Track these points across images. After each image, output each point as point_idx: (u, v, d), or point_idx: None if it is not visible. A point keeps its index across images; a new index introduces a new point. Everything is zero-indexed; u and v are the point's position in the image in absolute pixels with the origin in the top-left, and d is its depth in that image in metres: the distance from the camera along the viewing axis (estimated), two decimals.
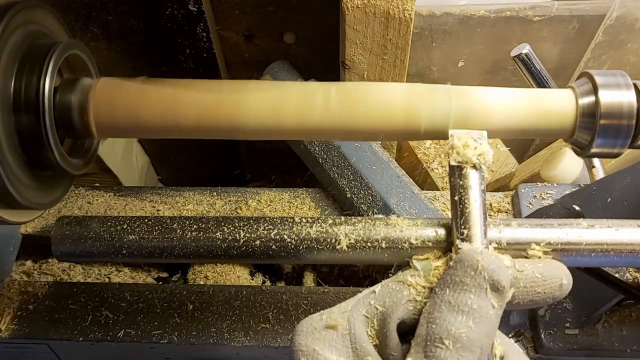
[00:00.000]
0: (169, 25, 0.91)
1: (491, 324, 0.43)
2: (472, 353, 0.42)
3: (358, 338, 0.44)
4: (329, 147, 0.86)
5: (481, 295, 0.43)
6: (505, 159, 1.02)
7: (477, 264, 0.44)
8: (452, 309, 0.43)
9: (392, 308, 0.45)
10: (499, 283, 0.43)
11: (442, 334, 0.42)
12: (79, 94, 0.53)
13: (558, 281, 0.48)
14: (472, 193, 0.48)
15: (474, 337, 0.42)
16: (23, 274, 0.87)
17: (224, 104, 0.53)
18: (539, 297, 0.48)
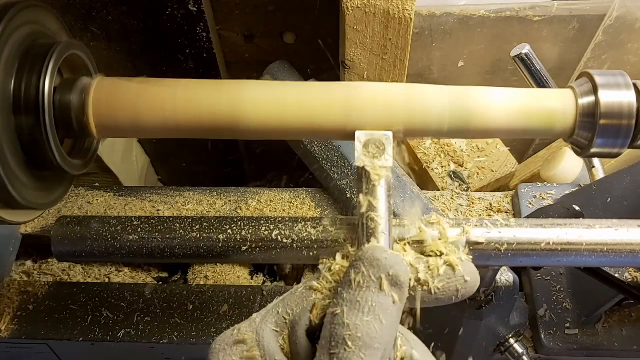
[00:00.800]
0: (169, 25, 0.91)
1: (392, 320, 0.43)
2: (375, 350, 0.42)
3: (267, 349, 0.45)
4: (329, 147, 0.86)
5: (380, 291, 0.43)
6: (505, 159, 1.02)
7: (374, 260, 0.44)
8: (353, 308, 0.43)
9: (299, 315, 0.46)
10: (397, 278, 0.43)
11: (344, 334, 0.42)
12: (78, 94, 0.53)
13: (462, 279, 0.48)
14: (379, 191, 0.49)
15: (376, 335, 0.42)
16: (23, 274, 0.87)
17: (223, 103, 0.53)
18: (444, 295, 0.48)
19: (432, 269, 0.48)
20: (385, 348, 0.42)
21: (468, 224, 0.52)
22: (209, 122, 0.53)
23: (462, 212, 0.87)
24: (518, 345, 0.70)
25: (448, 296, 0.48)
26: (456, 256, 0.49)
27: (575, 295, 0.75)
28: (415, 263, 0.48)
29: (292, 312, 0.46)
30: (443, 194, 0.89)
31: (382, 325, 0.42)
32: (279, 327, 0.46)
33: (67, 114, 0.53)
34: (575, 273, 0.76)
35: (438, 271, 0.47)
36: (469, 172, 1.01)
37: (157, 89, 0.53)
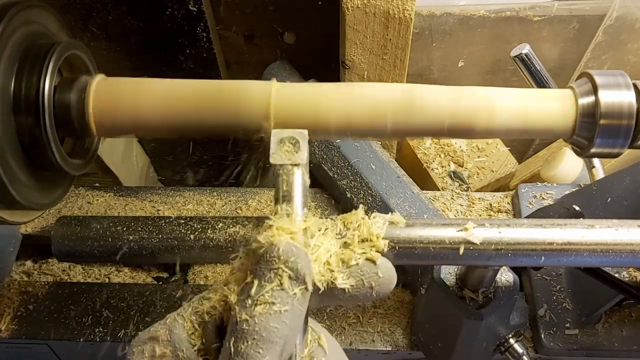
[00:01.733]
0: (169, 25, 0.91)
1: (293, 315, 0.43)
2: (273, 344, 0.42)
3: (177, 345, 0.46)
4: (329, 147, 0.86)
5: (281, 284, 0.43)
6: (505, 159, 1.02)
7: (276, 254, 0.44)
8: (254, 301, 0.43)
9: (209, 312, 0.47)
10: (298, 272, 0.44)
11: (243, 327, 0.42)
12: (78, 93, 0.53)
13: (376, 276, 0.48)
14: (295, 188, 0.49)
15: (274, 329, 0.42)
16: (23, 274, 0.87)
17: (224, 103, 0.53)
18: (358, 291, 0.48)
19: (344, 265, 0.48)
20: (286, 342, 0.43)
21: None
22: (208, 121, 0.53)
23: (462, 212, 0.87)
24: (518, 345, 0.70)
25: (362, 293, 0.48)
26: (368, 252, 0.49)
27: (575, 295, 0.75)
28: (330, 257, 0.48)
29: (204, 309, 0.47)
30: (443, 194, 0.89)
31: (281, 319, 0.43)
32: (192, 323, 0.47)
33: (67, 114, 0.53)
34: (575, 273, 0.76)
35: (349, 267, 0.48)
36: (469, 172, 1.01)
37: (156, 89, 0.53)
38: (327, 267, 0.48)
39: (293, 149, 0.50)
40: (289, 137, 0.50)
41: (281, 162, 0.49)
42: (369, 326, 0.77)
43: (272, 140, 0.50)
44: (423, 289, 0.71)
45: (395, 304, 0.79)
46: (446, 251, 0.52)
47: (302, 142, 0.50)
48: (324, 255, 0.48)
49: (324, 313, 0.78)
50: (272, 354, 0.42)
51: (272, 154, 0.50)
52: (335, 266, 0.48)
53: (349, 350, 0.76)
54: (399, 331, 0.77)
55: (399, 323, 0.78)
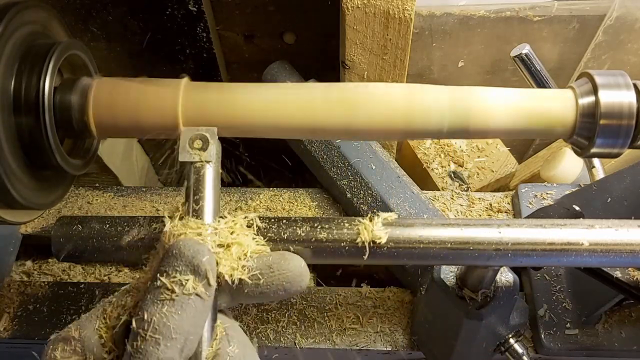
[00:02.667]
0: (169, 25, 0.91)
1: (195, 310, 0.44)
2: (172, 340, 0.43)
3: (87, 344, 0.47)
4: (329, 147, 0.86)
5: (181, 281, 0.44)
6: (505, 159, 1.02)
7: (177, 251, 0.45)
8: (155, 299, 0.44)
9: (120, 312, 0.48)
10: (198, 267, 0.44)
11: (144, 325, 0.43)
12: (78, 94, 0.53)
13: (288, 274, 0.48)
14: (206, 185, 0.49)
15: (174, 325, 0.43)
16: (23, 274, 0.87)
17: (223, 103, 0.53)
18: (269, 288, 0.48)
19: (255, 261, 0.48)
20: (187, 338, 0.43)
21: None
22: (207, 121, 0.53)
23: (462, 212, 0.87)
24: (518, 345, 0.70)
25: (273, 290, 0.48)
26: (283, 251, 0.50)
27: (575, 295, 0.75)
28: (241, 254, 0.48)
29: (116, 309, 0.48)
30: (443, 194, 0.89)
31: (182, 315, 0.43)
32: (103, 324, 0.48)
33: (67, 114, 0.53)
34: (575, 273, 0.76)
35: (260, 264, 0.48)
36: (469, 172, 1.01)
37: (156, 89, 0.54)
38: (238, 263, 0.48)
39: (202, 147, 0.51)
40: (198, 134, 0.51)
41: (190, 160, 0.50)
42: (369, 326, 0.77)
43: (181, 138, 0.51)
44: (423, 289, 0.71)
45: (395, 304, 0.79)
46: (446, 251, 0.52)
47: (212, 139, 0.51)
48: (235, 252, 0.48)
49: (324, 313, 0.78)
50: (172, 350, 0.43)
51: (180, 152, 0.50)
52: (246, 263, 0.48)
53: (349, 351, 0.76)
54: (399, 331, 0.77)
55: (399, 323, 0.78)
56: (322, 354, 0.77)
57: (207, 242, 0.47)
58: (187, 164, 0.50)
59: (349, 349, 0.76)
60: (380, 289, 0.81)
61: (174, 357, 0.43)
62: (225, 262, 0.48)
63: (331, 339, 0.76)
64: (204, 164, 0.50)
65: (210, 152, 0.50)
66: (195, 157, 0.50)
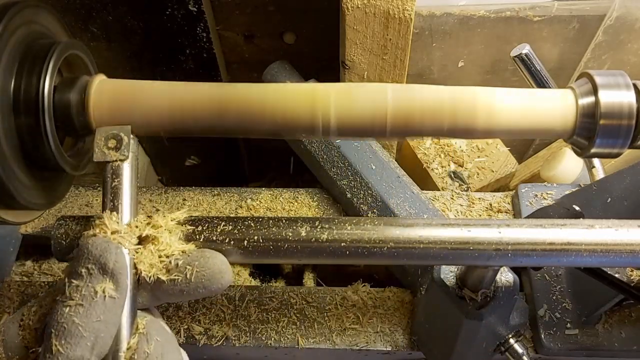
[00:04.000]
0: (169, 25, 0.91)
1: (105, 308, 0.45)
2: (82, 339, 0.43)
3: (9, 344, 0.47)
4: (329, 147, 0.86)
5: (90, 280, 0.45)
6: (505, 159, 1.02)
7: (86, 249, 0.45)
8: (65, 298, 0.45)
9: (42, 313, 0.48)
10: (106, 265, 0.45)
11: (53, 324, 0.44)
12: (78, 93, 0.53)
13: (209, 272, 0.49)
14: (123, 185, 0.50)
15: (82, 323, 0.43)
16: (23, 274, 0.87)
17: (223, 103, 0.53)
18: (188, 286, 0.48)
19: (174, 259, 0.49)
20: (97, 336, 0.44)
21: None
22: (207, 121, 0.53)
23: (462, 212, 0.87)
24: (518, 345, 0.70)
25: (193, 287, 0.48)
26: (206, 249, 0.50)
27: (575, 295, 0.75)
28: (160, 252, 0.49)
29: (36, 310, 0.49)
30: (443, 194, 0.89)
31: (90, 312, 0.44)
32: (27, 326, 0.48)
33: (67, 113, 0.53)
34: (575, 273, 0.76)
35: (178, 262, 0.48)
36: (469, 172, 1.01)
37: (155, 88, 0.54)
38: (155, 262, 0.48)
39: (116, 145, 0.51)
40: (112, 133, 0.51)
41: (105, 159, 0.50)
42: (369, 326, 0.77)
43: (96, 137, 0.51)
44: (423, 289, 0.71)
45: (395, 304, 0.79)
46: (446, 251, 0.52)
47: (126, 137, 0.51)
48: (155, 250, 0.49)
49: (324, 313, 0.78)
50: (82, 348, 0.43)
51: (95, 152, 0.51)
52: (166, 260, 0.49)
53: (349, 351, 0.76)
54: (399, 331, 0.77)
55: (399, 323, 0.78)
56: (322, 354, 0.77)
57: (124, 240, 0.48)
58: (103, 164, 0.51)
59: (349, 349, 0.76)
60: (380, 289, 0.81)
61: (84, 355, 0.43)
62: (144, 259, 0.48)
63: (331, 339, 0.76)
64: (119, 162, 0.50)
65: (125, 151, 0.51)
66: (110, 156, 0.51)
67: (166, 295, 0.49)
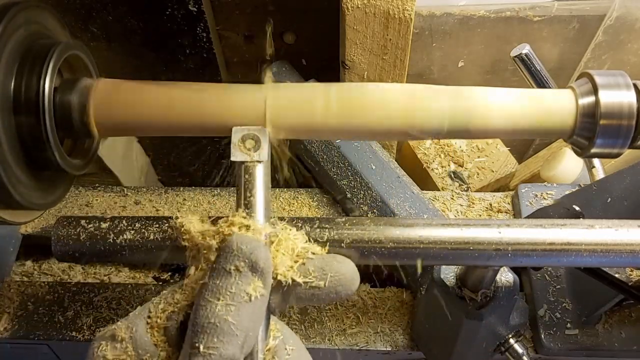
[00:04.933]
0: (169, 25, 0.91)
1: (254, 307, 0.44)
2: (233, 337, 0.42)
3: (139, 342, 0.46)
4: (329, 147, 0.86)
5: (240, 278, 0.44)
6: (505, 159, 1.02)
7: (235, 247, 0.44)
8: (213, 296, 0.44)
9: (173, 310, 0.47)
10: (256, 264, 0.44)
11: (204, 322, 0.43)
12: (79, 94, 0.53)
13: (340, 277, 0.48)
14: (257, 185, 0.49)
15: (235, 321, 0.43)
16: (23, 274, 0.87)
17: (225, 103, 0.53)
18: (321, 291, 0.48)
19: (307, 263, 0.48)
20: (247, 335, 0.43)
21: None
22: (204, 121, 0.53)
23: (462, 212, 0.87)
24: (518, 345, 0.70)
25: (325, 292, 0.48)
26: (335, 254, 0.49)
27: (575, 295, 0.75)
28: (294, 256, 0.48)
29: (166, 308, 0.48)
30: (443, 194, 0.89)
31: (242, 311, 0.43)
32: (153, 323, 0.47)
33: (68, 114, 0.53)
34: (575, 273, 0.76)
35: (312, 266, 0.48)
36: (469, 172, 1.01)
37: (156, 89, 0.54)
38: (291, 264, 0.48)
39: (254, 147, 0.50)
40: (250, 134, 0.51)
41: (242, 160, 0.50)
42: (369, 326, 0.77)
43: (233, 138, 0.51)
44: (423, 289, 0.71)
45: (395, 304, 0.79)
46: (446, 251, 0.52)
47: (263, 139, 0.51)
48: (288, 252, 0.48)
49: (324, 313, 0.78)
50: (233, 346, 0.42)
51: (233, 152, 0.50)
52: (299, 264, 0.48)
53: (349, 351, 0.76)
54: (399, 331, 0.77)
55: (399, 323, 0.78)
56: (323, 354, 0.77)
57: (263, 240, 0.46)
58: (238, 164, 0.50)
59: (349, 349, 0.76)
60: (380, 289, 0.81)
61: (235, 353, 0.42)
62: (280, 261, 0.47)
63: (331, 339, 0.76)
64: (255, 163, 0.49)
65: (262, 152, 0.50)
66: (246, 156, 0.50)
67: (296, 298, 0.48)
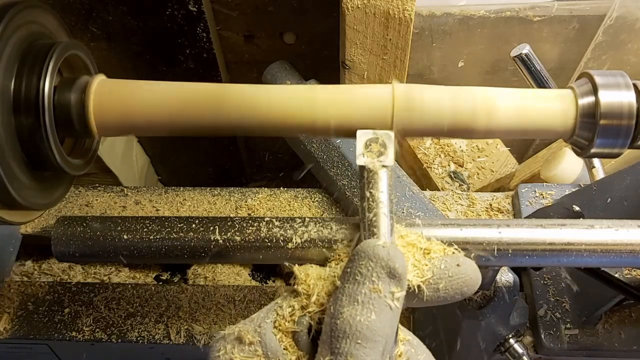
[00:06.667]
0: (169, 25, 0.91)
1: (392, 313, 0.43)
2: (376, 343, 0.42)
3: (270, 347, 0.46)
4: (329, 147, 0.86)
5: (379, 284, 0.43)
6: (505, 159, 1.02)
7: (372, 252, 0.44)
8: (353, 301, 0.43)
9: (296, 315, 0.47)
10: (395, 270, 0.44)
11: (345, 328, 0.42)
12: (78, 94, 0.53)
13: (465, 277, 0.48)
14: (381, 189, 0.49)
15: (376, 327, 0.42)
16: (23, 274, 0.87)
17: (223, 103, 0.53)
18: (447, 293, 0.48)
19: (433, 266, 0.48)
20: (386, 341, 0.43)
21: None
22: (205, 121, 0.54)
23: (462, 212, 0.87)
24: (518, 345, 0.70)
25: (450, 294, 0.47)
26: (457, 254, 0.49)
27: (575, 295, 0.75)
28: (417, 259, 0.48)
29: (287, 313, 0.47)
30: (443, 194, 0.89)
31: (382, 317, 0.43)
32: (281, 325, 0.47)
33: (67, 114, 0.53)
34: (575, 273, 0.76)
35: (440, 268, 0.48)
36: (469, 172, 1.01)
37: (156, 89, 0.54)
38: (416, 267, 0.47)
39: (380, 150, 0.50)
40: (375, 138, 0.50)
41: (367, 164, 0.49)
42: None
43: (358, 141, 0.50)
44: None
45: None
46: None
47: (389, 143, 0.50)
48: (412, 256, 0.48)
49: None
50: (375, 353, 0.42)
51: (359, 156, 0.49)
52: (424, 267, 0.48)
53: None
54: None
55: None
56: None
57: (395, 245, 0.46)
58: (361, 168, 0.49)
59: None
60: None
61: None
62: (413, 266, 0.47)
63: None
64: (380, 168, 0.49)
65: (388, 157, 0.49)
66: (371, 161, 0.49)
67: (421, 301, 0.48)
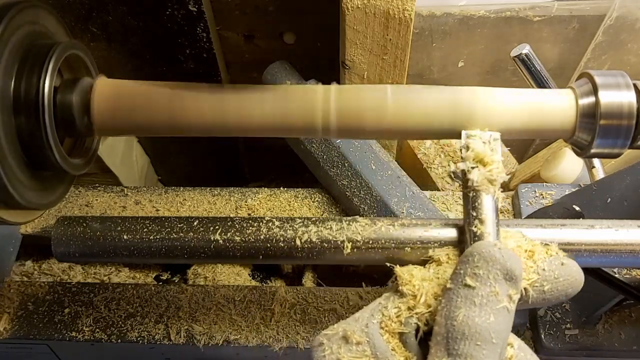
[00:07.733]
0: (169, 25, 0.91)
1: (509, 315, 0.43)
2: (494, 346, 0.41)
3: (379, 349, 0.46)
4: (329, 147, 0.86)
5: (496, 285, 0.43)
6: (505, 159, 1.02)
7: (489, 255, 0.44)
8: (470, 303, 0.43)
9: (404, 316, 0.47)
10: (512, 272, 0.43)
11: (464, 329, 0.42)
12: (79, 94, 0.53)
13: (570, 279, 0.48)
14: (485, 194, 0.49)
15: (495, 329, 0.42)
16: (23, 274, 0.87)
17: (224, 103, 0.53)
18: (552, 295, 0.48)
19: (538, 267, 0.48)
20: (504, 344, 0.42)
21: None
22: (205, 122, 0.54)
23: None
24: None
25: (555, 296, 0.48)
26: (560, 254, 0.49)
27: (575, 295, 0.75)
28: (522, 261, 0.48)
29: (394, 313, 0.47)
30: (443, 194, 0.89)
31: (500, 320, 0.42)
32: (388, 326, 0.47)
33: (68, 114, 0.53)
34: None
35: (545, 270, 0.48)
36: None
37: (157, 89, 0.54)
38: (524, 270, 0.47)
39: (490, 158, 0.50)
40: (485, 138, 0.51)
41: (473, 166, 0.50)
42: None
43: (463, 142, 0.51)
44: None
45: None
46: None
47: (496, 144, 0.51)
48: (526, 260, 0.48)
49: (324, 313, 0.78)
50: (494, 355, 0.41)
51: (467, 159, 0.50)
52: (530, 270, 0.48)
53: None
54: None
55: None
56: None
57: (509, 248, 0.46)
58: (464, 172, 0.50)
59: None
60: (381, 289, 0.81)
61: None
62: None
63: None
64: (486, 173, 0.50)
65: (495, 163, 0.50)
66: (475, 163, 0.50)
67: (526, 304, 0.48)
